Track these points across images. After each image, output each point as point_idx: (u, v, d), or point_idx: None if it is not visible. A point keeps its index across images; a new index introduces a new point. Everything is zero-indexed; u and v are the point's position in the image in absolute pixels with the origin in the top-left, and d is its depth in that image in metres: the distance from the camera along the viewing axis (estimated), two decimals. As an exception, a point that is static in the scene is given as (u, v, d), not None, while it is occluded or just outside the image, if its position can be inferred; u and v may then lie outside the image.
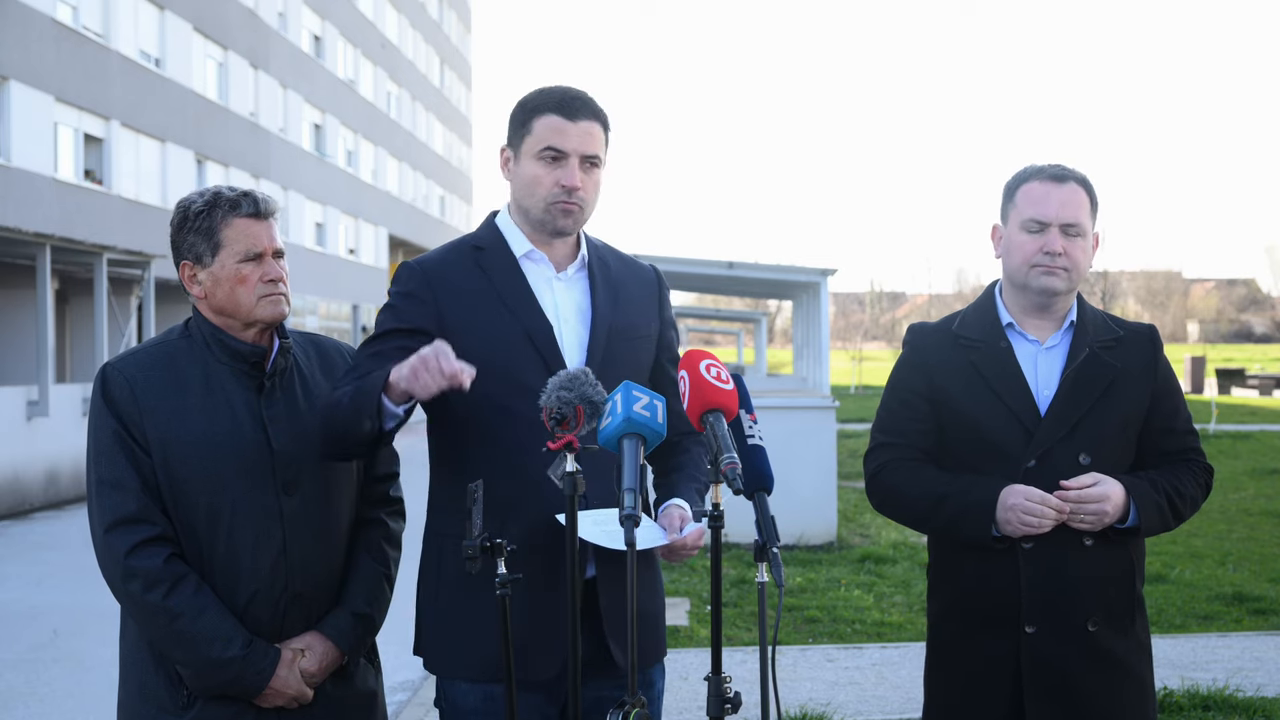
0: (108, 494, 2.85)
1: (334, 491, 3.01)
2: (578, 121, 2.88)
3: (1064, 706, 3.03)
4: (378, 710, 3.10)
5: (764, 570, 2.37)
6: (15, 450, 16.33)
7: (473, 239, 2.98)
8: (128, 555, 2.82)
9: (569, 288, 2.95)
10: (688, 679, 6.57)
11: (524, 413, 2.73)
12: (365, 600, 3.03)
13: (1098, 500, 2.96)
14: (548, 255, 2.94)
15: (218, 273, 2.92)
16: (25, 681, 7.40)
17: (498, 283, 2.89)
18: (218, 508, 2.88)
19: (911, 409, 3.18)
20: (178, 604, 2.81)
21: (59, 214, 22.01)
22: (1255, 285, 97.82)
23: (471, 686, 2.85)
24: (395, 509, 3.17)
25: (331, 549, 3.02)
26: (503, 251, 2.93)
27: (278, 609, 2.93)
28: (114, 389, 2.89)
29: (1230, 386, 38.95)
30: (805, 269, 15.02)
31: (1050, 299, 3.11)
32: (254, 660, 2.85)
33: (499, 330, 2.85)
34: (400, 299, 2.89)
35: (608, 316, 2.94)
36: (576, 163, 2.87)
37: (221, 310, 2.95)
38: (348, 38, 40.57)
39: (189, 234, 2.94)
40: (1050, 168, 3.15)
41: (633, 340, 2.97)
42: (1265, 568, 9.87)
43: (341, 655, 2.98)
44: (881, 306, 72.37)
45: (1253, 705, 5.87)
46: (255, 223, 2.93)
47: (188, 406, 2.89)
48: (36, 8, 21.75)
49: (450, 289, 2.88)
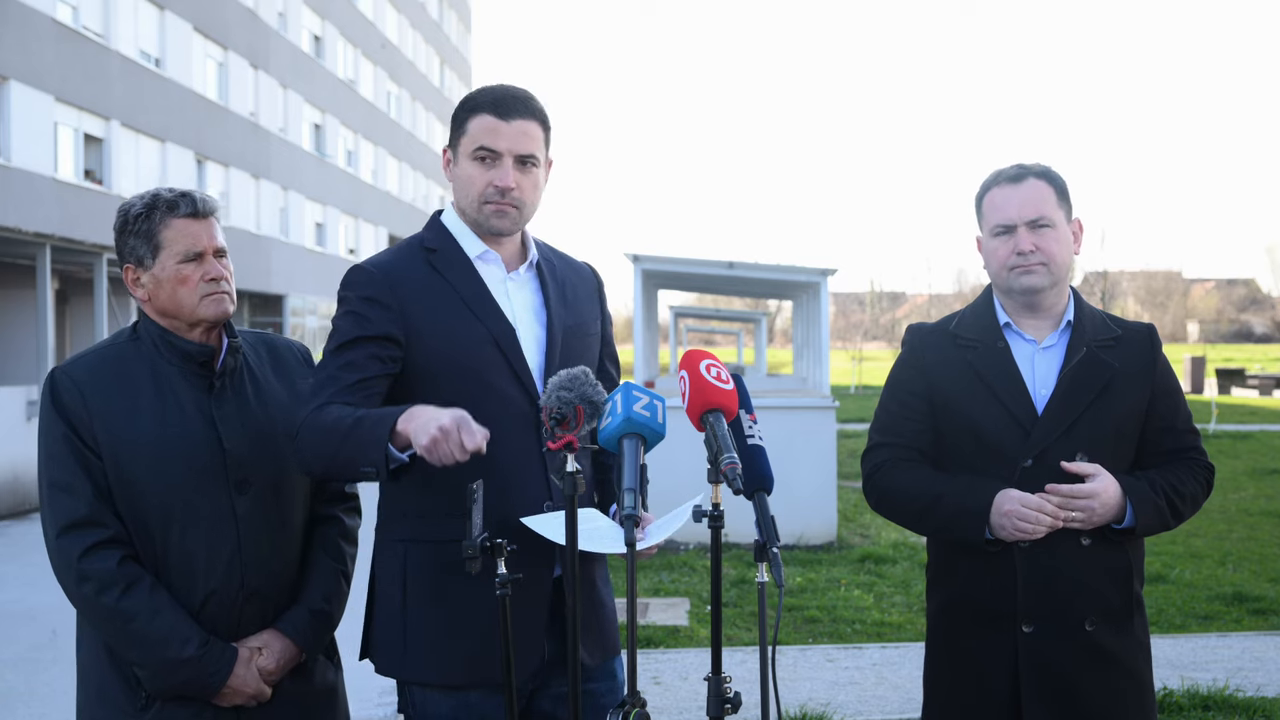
0: (59, 498, 2.85)
1: (287, 489, 3.01)
2: (511, 121, 2.84)
3: (1062, 706, 3.03)
4: (338, 706, 3.10)
5: (764, 570, 2.37)
6: (15, 450, 16.33)
7: (421, 240, 2.94)
8: (80, 559, 2.82)
9: (520, 288, 2.94)
10: (688, 679, 6.57)
11: (492, 415, 2.71)
12: (323, 597, 3.03)
13: (1086, 497, 2.97)
14: (500, 256, 2.93)
15: (159, 274, 2.92)
16: (25, 681, 7.40)
17: (456, 285, 2.86)
18: (170, 509, 2.87)
19: (909, 409, 3.18)
20: (132, 606, 2.81)
21: (59, 214, 22.02)
22: (1255, 285, 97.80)
23: (443, 695, 2.81)
24: (350, 505, 3.18)
25: (286, 547, 3.02)
26: (456, 252, 2.90)
27: (234, 608, 2.93)
28: (63, 393, 2.88)
29: (1230, 386, 38.92)
30: (805, 269, 14.99)
31: (1035, 297, 3.12)
32: (211, 659, 2.85)
33: (464, 333, 2.81)
34: (362, 304, 2.80)
35: (561, 315, 2.93)
36: (510, 162, 2.84)
37: (165, 311, 2.95)
38: (348, 38, 40.58)
39: (130, 237, 2.94)
40: (1008, 170, 3.18)
41: (584, 338, 2.98)
42: (1265, 568, 9.87)
43: (300, 652, 2.98)
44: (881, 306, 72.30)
45: (1253, 705, 5.87)
46: (194, 222, 2.93)
47: (138, 408, 2.89)
48: (36, 8, 21.76)
49: (411, 292, 2.82)
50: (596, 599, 2.93)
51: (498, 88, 2.89)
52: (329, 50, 38.66)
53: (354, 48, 41.33)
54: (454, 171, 2.91)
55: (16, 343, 23.11)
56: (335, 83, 39.08)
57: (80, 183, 23.75)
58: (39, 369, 17.50)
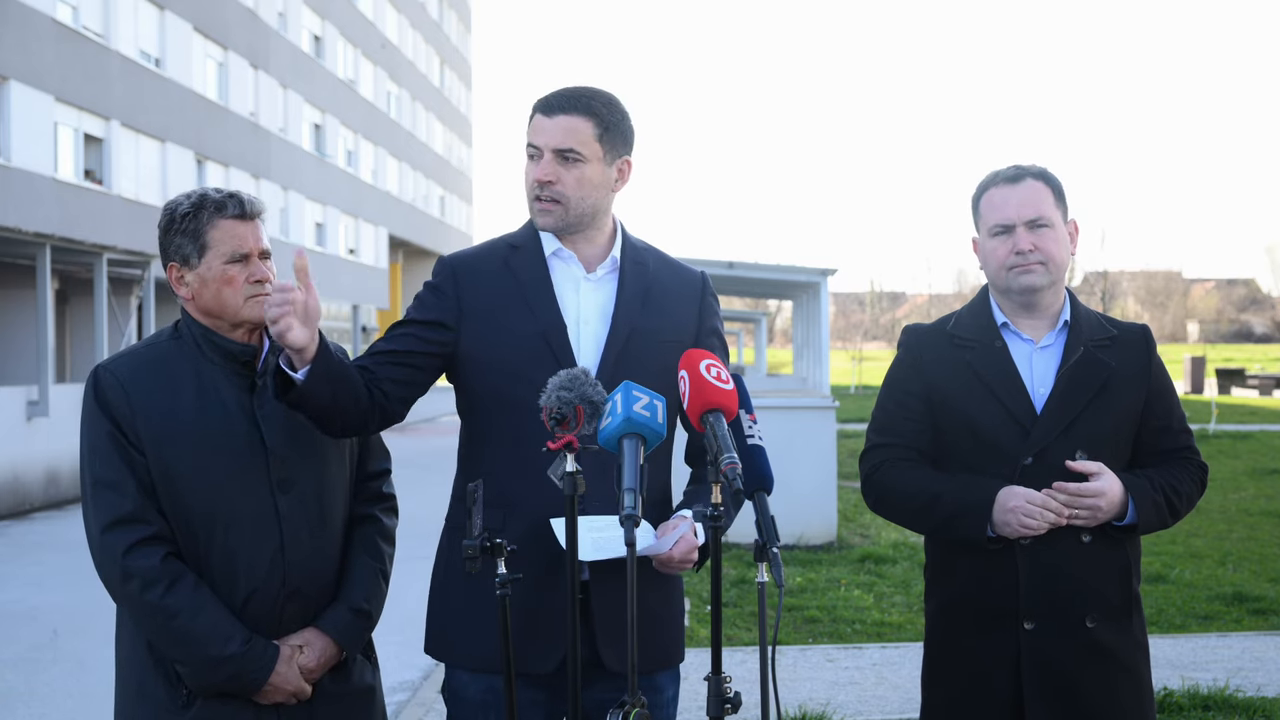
0: (104, 494, 2.85)
1: (328, 489, 3.02)
2: (554, 117, 2.88)
3: (1064, 703, 3.03)
4: (376, 706, 3.11)
5: (764, 570, 2.38)
6: (15, 450, 16.33)
7: (510, 238, 3.03)
8: (125, 555, 2.82)
9: (597, 288, 2.96)
10: (688, 679, 6.53)
11: (532, 409, 2.74)
12: (363, 596, 3.04)
13: (1093, 495, 2.98)
14: (576, 255, 2.96)
15: (204, 274, 2.92)
16: (25, 681, 7.40)
17: (523, 281, 2.93)
18: (213, 507, 2.88)
19: (907, 409, 3.19)
20: (175, 602, 2.81)
21: (59, 214, 22.01)
22: (1255, 285, 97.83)
23: (473, 677, 2.88)
24: (389, 505, 3.19)
25: (328, 546, 3.02)
26: (534, 250, 2.96)
27: (275, 607, 2.93)
28: (107, 390, 2.89)
29: (1230, 386, 38.95)
30: (805, 269, 15.01)
31: (1033, 296, 3.13)
32: (253, 657, 2.85)
33: (515, 327, 2.88)
34: (427, 290, 2.97)
35: (631, 318, 2.93)
36: (550, 157, 2.88)
37: (208, 311, 2.95)
38: (348, 38, 40.58)
39: (175, 236, 2.94)
40: (1005, 170, 3.19)
41: (658, 344, 2.93)
42: (1265, 568, 9.88)
43: (340, 651, 2.99)
44: (881, 306, 72.35)
45: (1253, 705, 5.87)
46: (241, 224, 2.93)
47: (181, 406, 2.89)
48: (36, 8, 21.75)
49: (475, 284, 2.93)
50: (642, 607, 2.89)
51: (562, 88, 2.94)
52: (329, 50, 38.66)
53: (354, 48, 41.33)
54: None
55: (16, 343, 23.11)
56: (335, 83, 39.08)
57: (80, 183, 23.74)
58: (39, 369, 17.49)
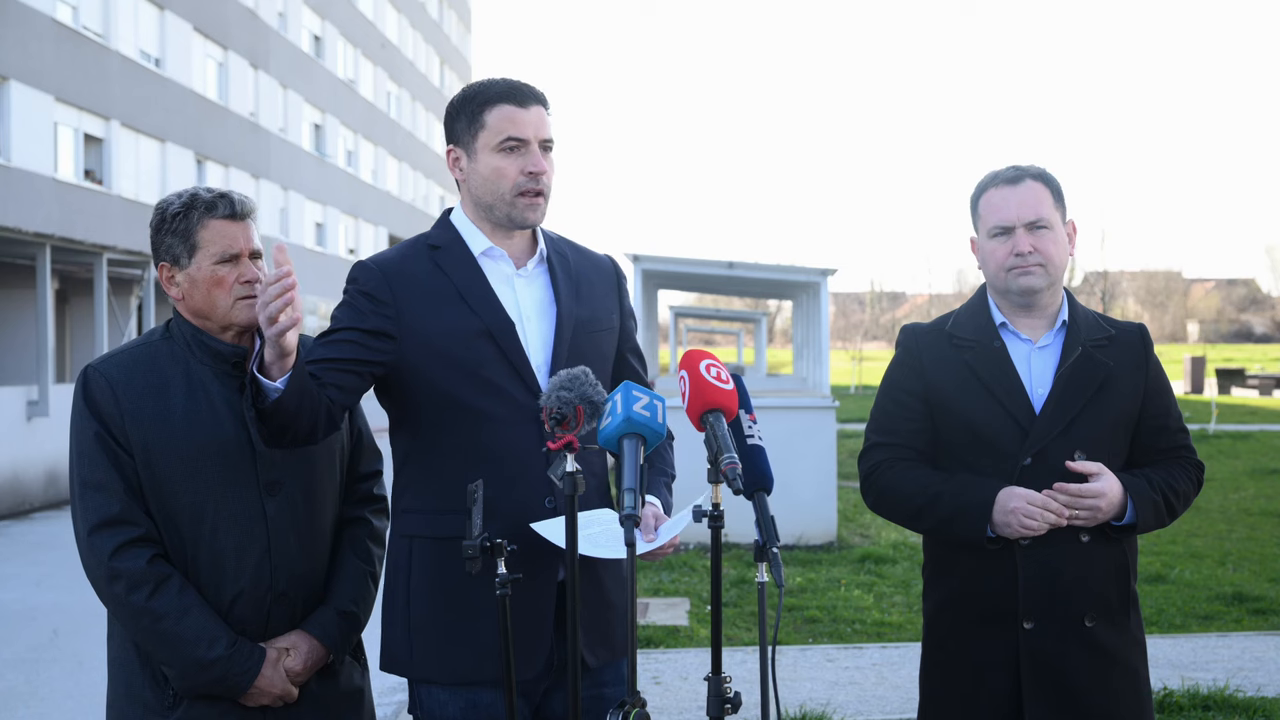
0: (91, 496, 2.85)
1: (317, 491, 3.01)
2: (529, 108, 2.89)
3: (1063, 702, 3.04)
4: (364, 708, 3.10)
5: (764, 570, 2.37)
6: (15, 450, 16.34)
7: (428, 238, 2.96)
8: (111, 557, 2.82)
9: (529, 283, 2.94)
10: (688, 679, 6.57)
11: (494, 412, 2.74)
12: (350, 599, 3.03)
13: (1093, 496, 2.99)
14: (507, 251, 2.94)
15: (194, 274, 2.92)
16: (25, 681, 7.40)
17: (457, 281, 2.87)
18: (201, 508, 2.88)
19: (906, 409, 3.19)
20: (161, 605, 2.81)
21: (59, 214, 22.02)
22: (1255, 285, 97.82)
23: (451, 694, 2.82)
24: (379, 507, 3.18)
25: (316, 548, 3.02)
26: (460, 249, 2.92)
27: (262, 609, 2.93)
28: (95, 391, 2.88)
29: (1230, 386, 38.93)
30: (805, 269, 15.02)
31: (1032, 297, 3.14)
32: (239, 660, 2.85)
33: (459, 329, 2.83)
34: (359, 298, 2.84)
35: (571, 310, 2.93)
36: (537, 147, 2.88)
37: (198, 312, 2.94)
38: (348, 38, 40.58)
39: (166, 235, 2.94)
40: (1005, 171, 3.20)
41: (596, 333, 2.97)
42: (1265, 568, 9.88)
43: (327, 654, 2.98)
44: (881, 306, 72.41)
45: (1253, 705, 5.87)
46: (231, 224, 2.92)
47: (170, 407, 2.89)
48: (36, 8, 21.76)
49: (409, 289, 2.85)
50: (605, 600, 2.91)
51: (500, 80, 2.92)
52: (329, 50, 38.66)
53: (354, 48, 41.32)
54: (470, 168, 2.91)
55: (16, 343, 23.10)
56: (335, 83, 39.07)
57: (80, 183, 23.74)
58: (39, 369, 17.49)
